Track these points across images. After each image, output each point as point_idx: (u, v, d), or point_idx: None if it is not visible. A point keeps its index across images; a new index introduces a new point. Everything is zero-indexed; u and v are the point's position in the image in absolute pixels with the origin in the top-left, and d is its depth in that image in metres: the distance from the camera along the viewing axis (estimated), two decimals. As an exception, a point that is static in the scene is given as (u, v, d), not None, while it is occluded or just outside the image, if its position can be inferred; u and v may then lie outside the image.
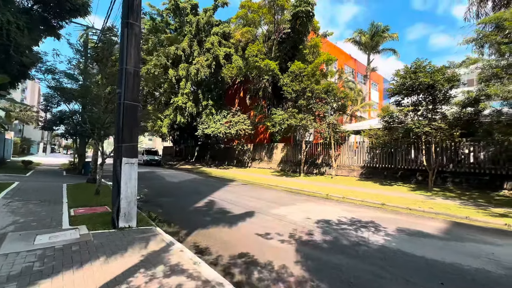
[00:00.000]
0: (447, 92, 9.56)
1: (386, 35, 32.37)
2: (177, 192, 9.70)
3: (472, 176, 10.84)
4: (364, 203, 8.52)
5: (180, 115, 22.05)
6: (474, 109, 9.57)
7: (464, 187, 10.89)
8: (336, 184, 12.81)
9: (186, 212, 6.50)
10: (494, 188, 10.12)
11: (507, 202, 8.37)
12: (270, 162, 21.25)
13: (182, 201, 8.04)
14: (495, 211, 7.19)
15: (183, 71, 21.28)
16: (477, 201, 8.51)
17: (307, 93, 14.21)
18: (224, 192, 9.93)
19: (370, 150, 14.66)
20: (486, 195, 9.42)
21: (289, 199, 8.69)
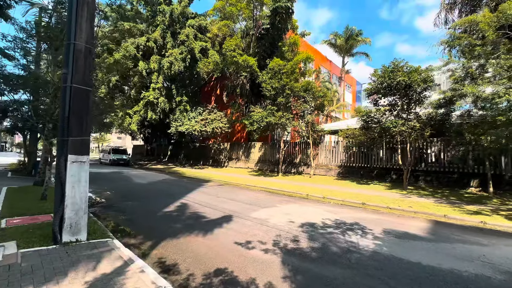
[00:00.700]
0: (423, 92, 9.76)
1: (360, 39, 33.56)
2: (145, 195, 8.69)
3: (442, 174, 11.27)
4: (345, 203, 8.32)
5: (151, 111, 20.51)
6: (446, 109, 9.90)
7: (435, 185, 11.29)
8: (315, 183, 12.63)
9: (153, 218, 5.65)
10: (462, 186, 10.58)
11: (476, 199, 8.70)
12: (248, 161, 20.68)
13: (150, 205, 7.12)
14: (468, 208, 7.34)
15: (155, 63, 19.82)
16: (449, 199, 8.74)
17: (287, 90, 13.87)
18: (198, 193, 9.13)
19: (347, 150, 14.77)
20: (456, 193, 9.78)
21: (269, 200, 8.18)
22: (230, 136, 26.71)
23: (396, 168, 12.69)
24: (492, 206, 7.65)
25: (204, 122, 19.82)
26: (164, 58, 19.43)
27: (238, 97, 20.86)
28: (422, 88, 9.69)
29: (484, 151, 9.28)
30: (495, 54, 7.07)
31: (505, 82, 6.41)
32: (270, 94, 14.48)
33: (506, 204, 7.98)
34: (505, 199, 8.64)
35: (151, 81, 20.55)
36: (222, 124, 19.78)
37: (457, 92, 7.40)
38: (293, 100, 15.07)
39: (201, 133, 19.56)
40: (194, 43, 19.48)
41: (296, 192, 10.23)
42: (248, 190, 10.78)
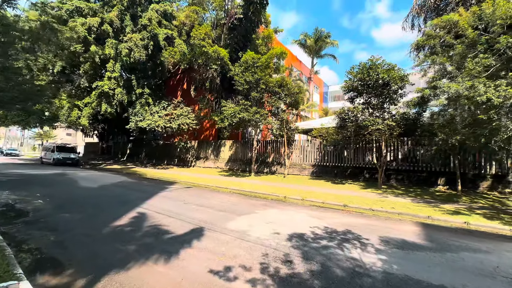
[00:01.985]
0: (398, 90, 9.70)
1: (328, 41, 34.41)
2: (92, 203, 7.01)
3: (412, 173, 11.51)
4: (327, 205, 7.73)
5: (106, 103, 17.91)
6: (419, 109, 10.03)
7: (406, 184, 11.48)
8: (290, 183, 12.00)
9: (97, 238, 4.24)
10: (430, 184, 10.88)
11: (447, 197, 8.85)
12: (217, 160, 19.39)
13: (96, 217, 5.59)
14: (446, 208, 7.27)
15: (110, 49, 17.31)
16: (424, 198, 8.74)
17: (261, 85, 13.02)
18: (161, 199, 7.72)
19: (321, 149, 14.50)
20: (427, 191, 9.94)
21: (245, 205, 7.18)
22: (198, 134, 25.05)
23: (368, 167, 12.71)
24: (465, 205, 7.74)
25: (169, 118, 17.97)
26: (122, 43, 17.05)
27: (207, 91, 19.42)
28: (399, 87, 9.63)
29: (453, 150, 9.55)
30: (473, 53, 7.07)
31: (484, 81, 6.35)
32: (243, 89, 13.48)
33: (476, 202, 8.18)
34: (472, 197, 8.94)
35: (106, 69, 17.94)
36: (189, 120, 18.16)
37: (438, 90, 7.26)
38: (267, 96, 14.29)
39: (166, 130, 17.69)
40: (158, 29, 17.48)
41: (273, 194, 9.42)
42: (220, 193, 9.64)
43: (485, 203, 8.03)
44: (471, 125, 8.03)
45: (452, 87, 6.48)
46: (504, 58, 6.32)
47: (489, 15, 6.62)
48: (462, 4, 10.86)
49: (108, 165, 22.77)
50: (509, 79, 6.23)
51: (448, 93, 6.66)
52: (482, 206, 7.66)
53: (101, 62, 18.11)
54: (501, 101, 5.87)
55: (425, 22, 13.99)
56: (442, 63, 7.54)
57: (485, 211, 6.97)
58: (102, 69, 18.43)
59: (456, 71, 7.05)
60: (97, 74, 18.98)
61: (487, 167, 10.04)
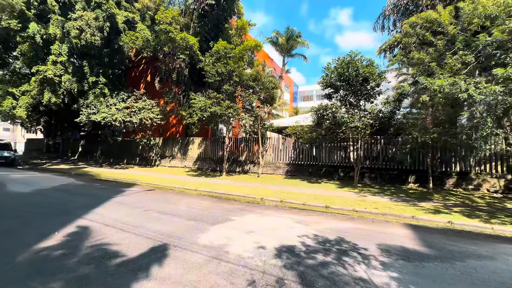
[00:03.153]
0: (375, 88, 9.55)
1: (300, 40, 34.66)
2: (14, 214, 5.36)
3: (385, 171, 11.62)
4: (308, 207, 7.12)
5: (50, 92, 15.16)
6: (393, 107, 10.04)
7: (378, 182, 11.53)
8: (265, 183, 11.26)
9: (3, 272, 2.90)
10: (401, 182, 11.05)
11: (422, 195, 8.90)
12: (185, 159, 17.86)
13: (14, 235, 4.11)
14: (425, 206, 7.17)
15: (56, 28, 14.66)
16: (400, 196, 8.66)
17: (234, 77, 12.02)
18: (114, 206, 6.31)
19: (296, 147, 14.05)
20: (400, 189, 10.00)
21: (219, 211, 6.17)
22: (163, 131, 23.07)
23: (343, 165, 12.58)
24: (439, 202, 7.75)
25: (129, 111, 15.94)
26: (71, 21, 14.53)
27: (173, 84, 17.73)
28: (376, 83, 9.48)
29: (425, 148, 9.73)
30: (452, 50, 7.03)
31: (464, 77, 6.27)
32: (215, 81, 12.34)
33: (448, 200, 8.30)
34: (443, 194, 9.13)
35: (50, 52, 15.19)
36: (152, 114, 16.33)
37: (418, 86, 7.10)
38: (240, 90, 13.35)
39: (125, 125, 15.65)
40: (115, 9, 15.31)
41: (248, 195, 8.55)
42: (188, 196, 8.46)
43: (457, 200, 8.19)
44: (443, 123, 8.12)
45: (435, 82, 6.29)
46: (483, 55, 6.31)
47: (468, 12, 6.58)
48: (431, 8, 11.21)
49: (54, 164, 19.60)
50: (488, 76, 6.21)
51: (430, 89, 6.46)
52: (455, 203, 7.75)
53: (44, 43, 15.27)
54: (482, 97, 5.78)
55: (395, 25, 14.42)
56: (421, 59, 7.42)
57: (461, 208, 6.99)
58: (46, 51, 15.57)
59: (437, 67, 6.94)
60: (40, 58, 16.01)
61: (452, 165, 10.47)
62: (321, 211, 6.77)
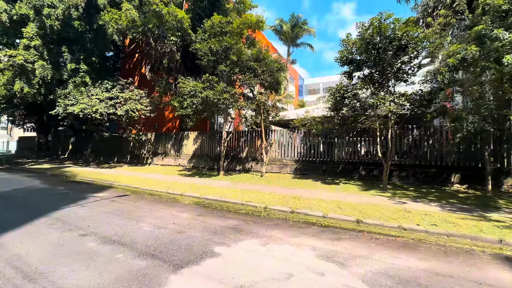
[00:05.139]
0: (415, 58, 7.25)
1: (306, 28, 32.19)
2: None
3: (419, 168, 9.34)
4: (331, 222, 4.98)
5: (22, 81, 13.22)
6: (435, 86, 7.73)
7: (411, 182, 9.26)
8: (270, 185, 9.11)
9: None
10: (442, 182, 8.76)
11: (479, 201, 6.63)
12: (179, 157, 15.82)
13: None
14: (502, 220, 4.94)
15: (26, 7, 12.65)
16: (451, 202, 6.42)
17: (231, 56, 9.83)
18: (42, 226, 4.24)
19: (306, 141, 11.84)
20: (445, 192, 7.73)
21: (200, 234, 4.04)
22: (159, 126, 21.09)
23: (365, 162, 10.35)
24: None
25: (114, 102, 13.91)
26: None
27: (165, 71, 15.64)
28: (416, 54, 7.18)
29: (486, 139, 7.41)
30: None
31: None
32: (208, 61, 10.17)
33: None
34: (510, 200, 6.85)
35: (21, 35, 13.21)
36: (140, 106, 14.28)
37: (494, 45, 4.81)
38: (239, 73, 11.16)
39: (107, 117, 13.64)
40: (94, -17, 13.21)
41: (248, 202, 6.43)
42: (168, 204, 6.37)
43: (537, 209, 5.91)
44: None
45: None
46: None
47: None
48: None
49: (38, 164, 17.80)
50: None
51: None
52: (540, 214, 5.49)
53: (16, 25, 13.29)
54: None
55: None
56: (496, 6, 5.10)
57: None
58: (19, 35, 13.57)
59: None
60: (10, 43, 14.06)
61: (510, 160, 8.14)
62: (352, 229, 4.60)
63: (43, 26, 12.89)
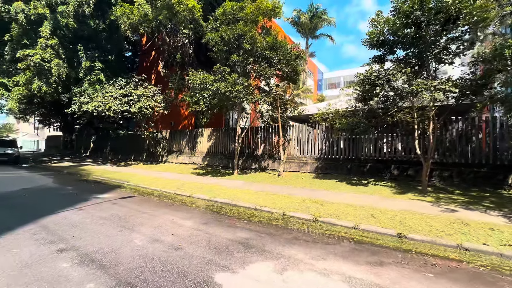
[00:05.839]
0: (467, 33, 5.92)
1: (325, 18, 30.41)
2: None
3: (465, 168, 7.91)
4: (365, 237, 3.97)
5: (40, 80, 13.36)
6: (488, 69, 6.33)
7: (456, 183, 7.86)
8: (288, 185, 8.19)
9: None
10: (496, 184, 7.30)
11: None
12: (193, 155, 15.33)
13: None
14: None
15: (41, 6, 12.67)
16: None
17: (244, 44, 8.96)
18: (21, 237, 3.70)
19: (328, 137, 10.71)
20: (504, 197, 6.34)
21: (201, 252, 3.24)
22: (175, 124, 20.88)
23: (398, 160, 9.06)
24: None
25: (128, 99, 13.66)
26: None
27: (178, 66, 15.16)
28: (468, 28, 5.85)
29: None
30: None
31: None
32: (219, 51, 9.40)
33: None
34: None
35: (39, 34, 13.31)
36: (154, 102, 13.92)
37: None
38: (253, 64, 10.26)
39: (122, 115, 13.41)
40: (105, -23, 12.94)
41: (262, 207, 5.57)
42: (174, 207, 5.69)
43: None
44: None
45: None
46: None
47: None
48: None
49: (59, 162, 18.28)
50: None
51: None
52: None
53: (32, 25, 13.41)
54: None
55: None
56: None
57: None
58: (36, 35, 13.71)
59: None
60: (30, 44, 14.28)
61: None
62: (394, 248, 3.58)
63: (58, 25, 12.87)
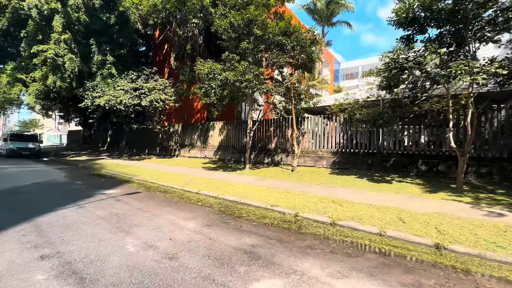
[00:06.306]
0: None
1: (343, 3, 28.69)
2: None
3: (508, 163, 6.89)
4: (396, 245, 3.34)
5: (55, 75, 13.52)
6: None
7: (495, 181, 6.88)
8: (303, 182, 7.59)
9: None
10: (546, 183, 6.28)
11: None
12: (205, 149, 15.05)
13: None
14: None
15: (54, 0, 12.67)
16: None
17: (255, 29, 8.32)
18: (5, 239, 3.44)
19: (346, 129, 9.90)
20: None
21: (200, 262, 2.78)
22: (188, 117, 20.70)
23: (425, 154, 8.14)
24: None
25: (139, 93, 13.51)
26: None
27: (189, 58, 14.76)
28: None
29: None
30: None
31: None
32: (229, 37, 8.81)
33: None
34: None
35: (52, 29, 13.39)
36: (165, 95, 13.67)
37: None
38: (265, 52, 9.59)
39: (133, 108, 13.30)
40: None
41: (274, 207, 5.05)
42: (177, 207, 5.31)
43: None
44: None
45: None
46: None
47: None
48: None
49: (77, 156, 18.76)
50: None
51: None
52: None
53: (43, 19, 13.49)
54: None
55: None
56: None
57: None
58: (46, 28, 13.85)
59: None
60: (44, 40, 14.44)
61: None
62: (432, 263, 2.93)
63: (69, 19, 12.84)
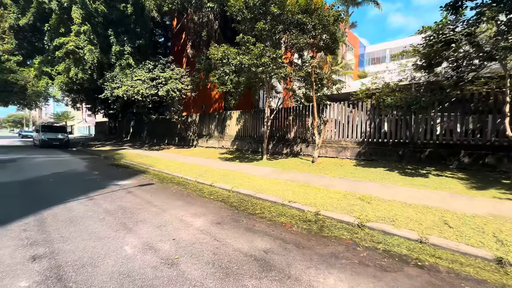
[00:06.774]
0: None
1: (371, -22, 26.29)
2: None
3: None
4: (443, 257, 2.67)
5: (76, 67, 13.81)
6: None
7: (561, 177, 5.74)
8: (323, 174, 6.96)
9: None
10: None
11: None
12: (222, 139, 14.76)
13: None
14: None
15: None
16: None
17: (272, 8, 7.57)
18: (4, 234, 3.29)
19: (374, 117, 8.96)
20: None
21: (201, 271, 2.36)
22: (206, 107, 20.52)
23: (469, 144, 7.06)
24: None
25: (156, 83, 13.41)
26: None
27: (205, 46, 14.30)
28: None
29: None
30: None
31: None
32: (244, 19, 8.16)
33: None
34: None
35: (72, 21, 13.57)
36: (182, 85, 13.43)
37: None
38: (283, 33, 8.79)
39: (150, 98, 13.25)
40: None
41: (292, 204, 4.54)
42: (187, 201, 4.99)
43: None
44: None
45: None
46: None
47: None
48: None
49: (102, 146, 19.51)
50: None
51: None
52: None
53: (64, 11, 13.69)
54: None
55: None
56: None
57: None
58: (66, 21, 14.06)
59: None
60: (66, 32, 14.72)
61: None
62: (494, 285, 2.25)
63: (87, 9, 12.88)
